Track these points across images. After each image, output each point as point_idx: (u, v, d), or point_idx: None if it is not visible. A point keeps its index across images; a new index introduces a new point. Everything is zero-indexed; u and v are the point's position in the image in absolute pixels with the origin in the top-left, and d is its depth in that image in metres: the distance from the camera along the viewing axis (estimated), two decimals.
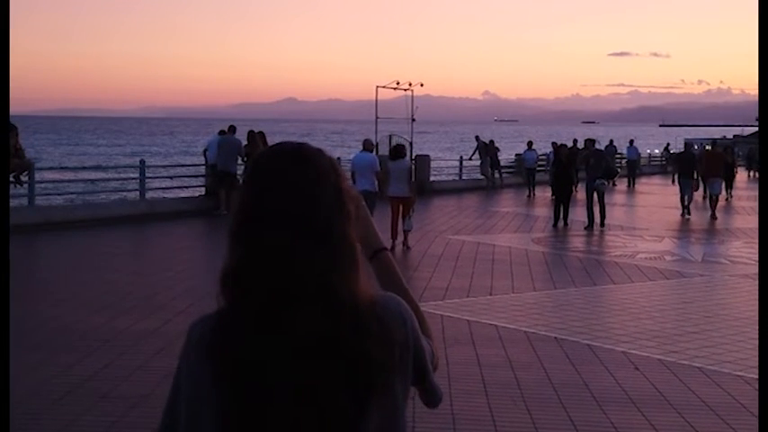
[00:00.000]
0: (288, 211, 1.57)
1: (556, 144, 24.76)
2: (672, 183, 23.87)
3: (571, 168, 19.16)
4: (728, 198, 26.14)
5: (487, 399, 6.23)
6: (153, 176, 23.52)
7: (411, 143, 25.62)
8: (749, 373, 6.93)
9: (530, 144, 29.90)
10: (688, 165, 21.44)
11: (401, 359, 1.62)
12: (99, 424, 5.55)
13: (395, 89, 27.98)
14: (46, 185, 20.37)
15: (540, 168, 29.59)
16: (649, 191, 30.32)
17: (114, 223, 16.30)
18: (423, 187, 22.51)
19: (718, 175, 21.96)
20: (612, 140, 35.65)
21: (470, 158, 30.34)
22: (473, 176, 30.13)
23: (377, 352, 1.56)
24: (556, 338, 8.15)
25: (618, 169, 26.37)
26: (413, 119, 27.94)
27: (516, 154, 33.96)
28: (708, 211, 21.20)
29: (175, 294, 9.79)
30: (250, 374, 1.53)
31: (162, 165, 39.51)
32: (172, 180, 23.33)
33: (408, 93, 28.19)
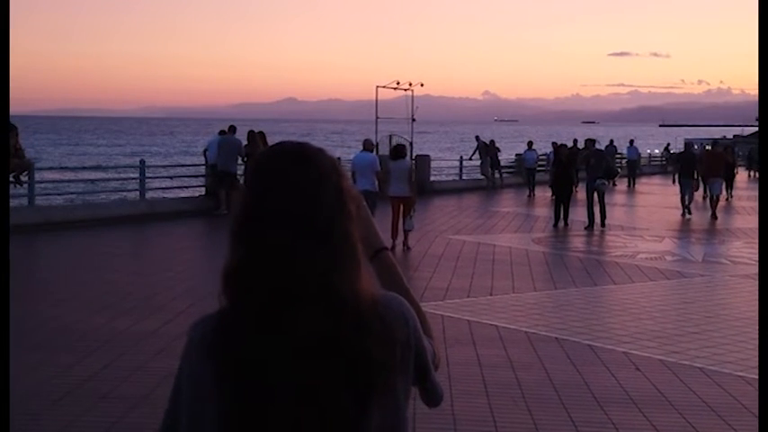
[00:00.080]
0: (289, 210, 1.57)
1: (556, 144, 24.72)
2: (672, 183, 23.85)
3: (571, 168, 19.14)
4: (729, 198, 26.15)
5: (488, 399, 6.22)
6: (153, 176, 23.52)
7: (411, 143, 25.61)
8: (750, 374, 6.92)
9: (530, 144, 29.93)
10: (688, 165, 21.44)
11: (403, 358, 1.62)
12: (99, 424, 5.54)
13: (395, 89, 27.99)
14: (46, 185, 20.37)
15: (541, 168, 29.60)
16: (649, 191, 30.35)
17: (114, 223, 16.29)
18: (423, 187, 22.51)
19: (719, 175, 21.93)
20: (612, 140, 35.65)
21: (470, 158, 30.34)
22: (473, 176, 30.13)
23: (378, 351, 1.56)
24: (556, 339, 8.15)
25: (618, 169, 26.37)
26: (413, 119, 27.95)
27: (516, 154, 33.96)
28: (708, 211, 21.20)
29: (175, 295, 9.78)
30: (251, 374, 1.53)
31: (162, 165, 39.50)
32: (172, 180, 23.32)
33: (408, 93, 28.22)
